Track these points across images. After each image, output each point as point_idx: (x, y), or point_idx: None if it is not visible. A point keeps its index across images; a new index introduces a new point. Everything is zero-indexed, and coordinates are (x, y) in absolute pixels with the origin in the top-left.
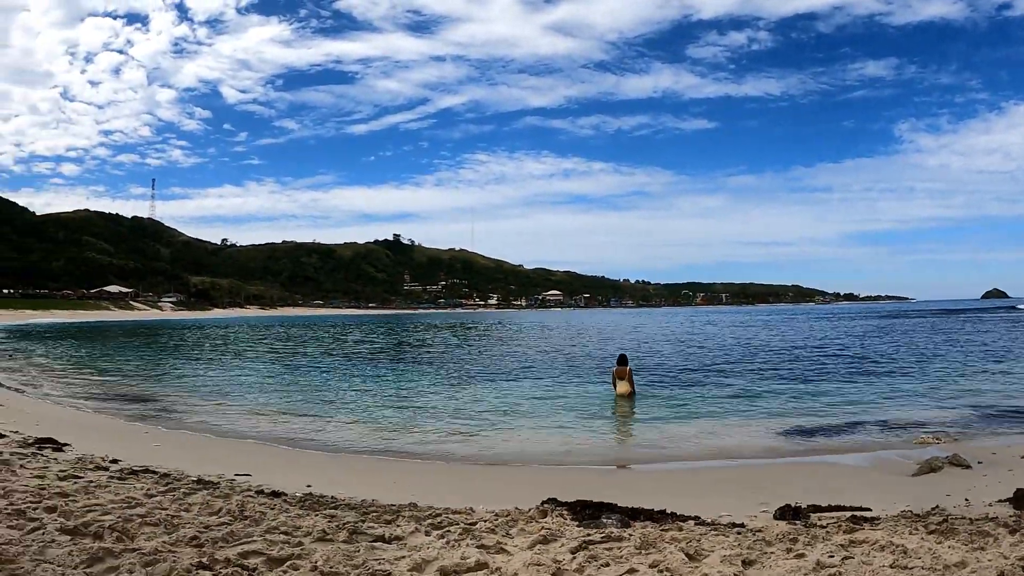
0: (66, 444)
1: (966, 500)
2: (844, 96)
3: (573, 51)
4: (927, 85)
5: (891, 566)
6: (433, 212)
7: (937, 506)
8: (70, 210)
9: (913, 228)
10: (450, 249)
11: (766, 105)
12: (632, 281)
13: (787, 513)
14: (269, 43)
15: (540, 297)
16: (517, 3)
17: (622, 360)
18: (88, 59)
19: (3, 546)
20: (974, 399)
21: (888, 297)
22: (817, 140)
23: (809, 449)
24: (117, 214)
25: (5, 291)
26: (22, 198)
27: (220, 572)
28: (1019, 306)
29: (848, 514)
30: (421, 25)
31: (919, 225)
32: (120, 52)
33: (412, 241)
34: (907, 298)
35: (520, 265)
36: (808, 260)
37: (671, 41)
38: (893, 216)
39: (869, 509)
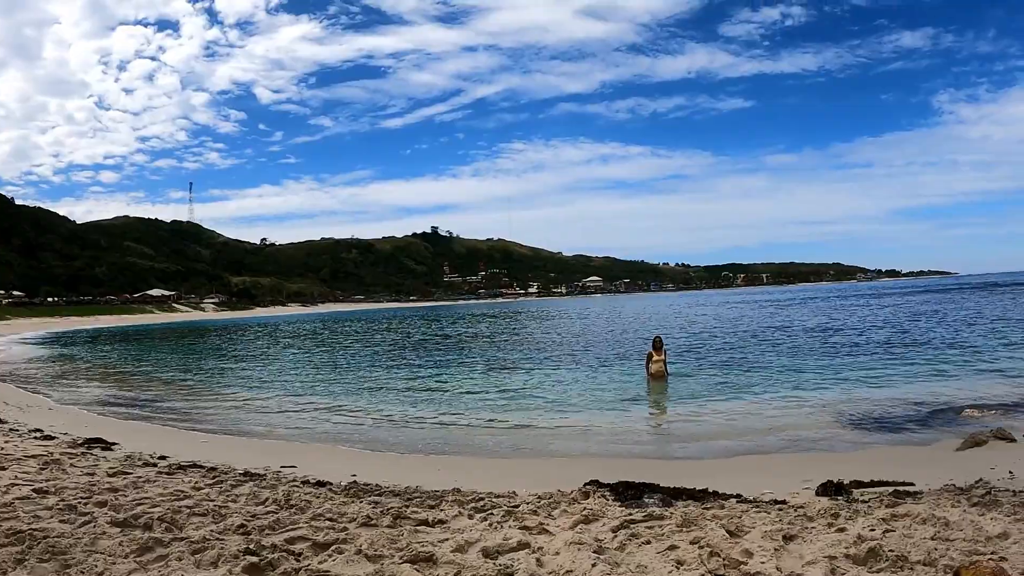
0: (115, 443)
1: (1010, 473)
2: (882, 69)
3: (606, 35)
4: (965, 54)
5: (932, 538)
6: (471, 203)
7: (981, 479)
8: (110, 217)
9: (957, 202)
10: (488, 239)
11: (803, 81)
12: (672, 264)
13: (829, 489)
14: (300, 41)
15: (580, 284)
16: None
17: (657, 343)
18: (121, 67)
19: (55, 538)
20: (1020, 374)
21: (932, 272)
22: (856, 115)
23: (851, 425)
24: (156, 219)
25: (51, 299)
26: (63, 208)
27: (267, 557)
28: None
29: (891, 489)
30: (451, 16)
31: (963, 199)
32: (152, 59)
33: (450, 233)
34: (951, 273)
35: (559, 252)
36: (851, 238)
37: (704, 20)
38: (936, 190)
39: (912, 484)
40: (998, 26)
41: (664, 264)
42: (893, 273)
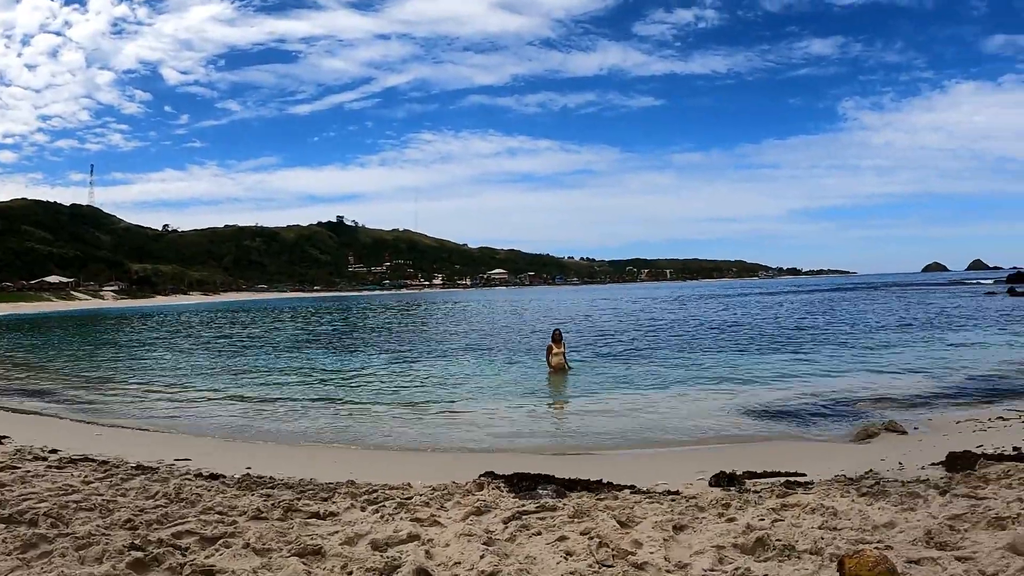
0: (5, 437)
1: (900, 464)
2: (790, 74)
3: (520, 28)
4: (872, 63)
5: (820, 527)
6: (378, 193)
7: (871, 470)
8: (7, 199)
9: (858, 204)
10: (394, 230)
11: (713, 83)
12: (577, 258)
13: (722, 480)
14: (211, 22)
15: (484, 276)
16: None
17: (556, 336)
18: (25, 41)
19: None
20: (912, 370)
21: (832, 271)
22: (763, 117)
23: (748, 418)
24: (56, 202)
25: None
26: None
27: (152, 552)
28: (967, 280)
29: (783, 480)
30: (365, 3)
31: (864, 201)
32: (57, 34)
33: (356, 222)
34: (850, 272)
35: (464, 244)
36: (755, 236)
37: (618, 18)
38: (838, 192)
39: (804, 475)
40: (905, 38)
41: (569, 258)
42: (794, 271)
